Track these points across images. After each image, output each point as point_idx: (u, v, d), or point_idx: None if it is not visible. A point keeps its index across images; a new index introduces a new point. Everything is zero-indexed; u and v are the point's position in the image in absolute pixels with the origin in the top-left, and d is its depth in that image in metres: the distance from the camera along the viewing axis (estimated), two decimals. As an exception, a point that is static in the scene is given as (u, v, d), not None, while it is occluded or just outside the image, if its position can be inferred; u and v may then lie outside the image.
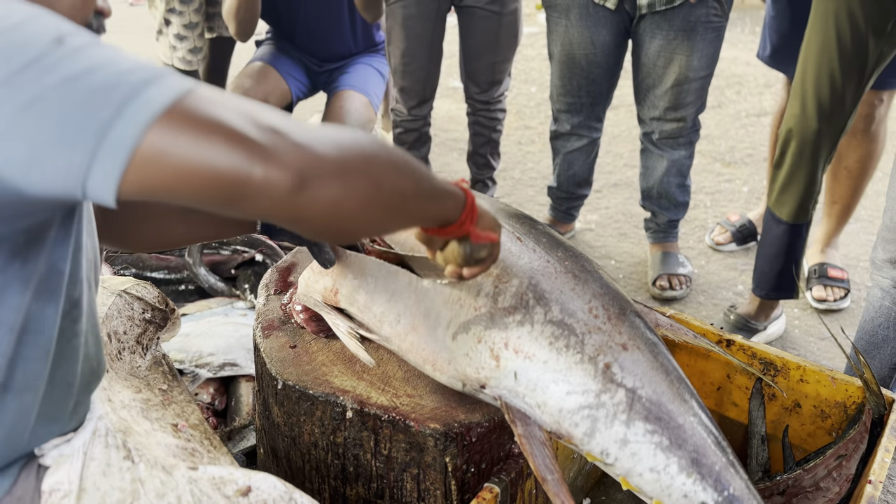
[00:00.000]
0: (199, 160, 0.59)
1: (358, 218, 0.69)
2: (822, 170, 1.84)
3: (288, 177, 0.62)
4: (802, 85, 1.77)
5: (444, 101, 3.69)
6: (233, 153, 0.60)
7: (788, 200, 1.89)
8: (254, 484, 0.89)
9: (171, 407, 1.10)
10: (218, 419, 1.68)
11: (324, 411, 1.18)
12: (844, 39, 1.67)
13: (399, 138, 2.52)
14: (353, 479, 1.21)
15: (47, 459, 0.85)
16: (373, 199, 0.69)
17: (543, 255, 1.13)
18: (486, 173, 2.66)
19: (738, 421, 1.50)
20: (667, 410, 1.00)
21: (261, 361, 1.27)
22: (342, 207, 0.66)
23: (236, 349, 1.76)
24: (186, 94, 0.61)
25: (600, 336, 1.04)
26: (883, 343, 1.59)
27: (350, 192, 0.66)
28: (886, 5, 1.62)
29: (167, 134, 0.59)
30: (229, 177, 0.60)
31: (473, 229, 0.89)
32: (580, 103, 2.27)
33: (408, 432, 1.13)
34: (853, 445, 1.30)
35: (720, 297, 2.33)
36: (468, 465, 1.15)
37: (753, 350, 1.43)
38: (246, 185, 0.61)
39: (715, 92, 3.92)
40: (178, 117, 0.60)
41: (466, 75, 2.47)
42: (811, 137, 1.77)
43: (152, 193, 0.62)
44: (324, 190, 0.64)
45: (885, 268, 1.55)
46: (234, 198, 0.62)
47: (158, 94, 0.60)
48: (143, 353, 1.20)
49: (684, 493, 0.98)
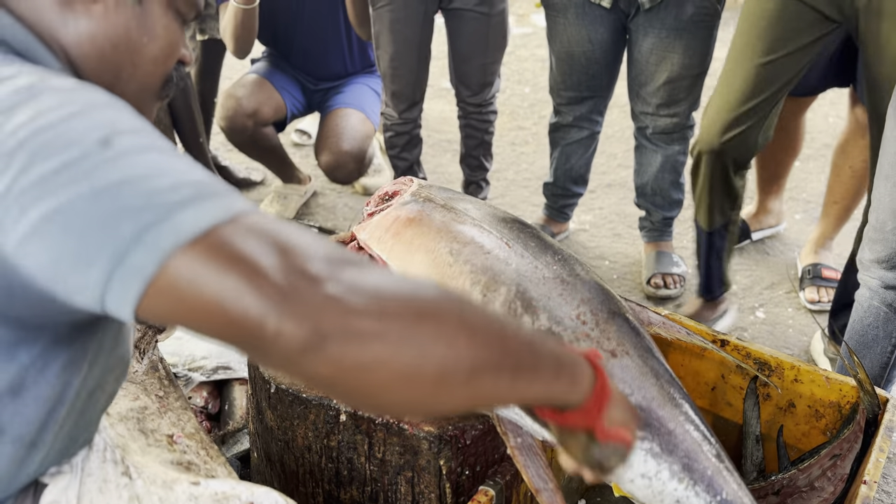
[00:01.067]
0: (213, 300, 0.53)
1: (402, 391, 0.56)
2: (735, 179, 1.97)
3: (302, 333, 0.53)
4: (709, 104, 1.93)
5: (437, 102, 3.68)
6: (248, 299, 0.53)
7: (704, 210, 2.03)
8: (256, 499, 0.89)
9: (168, 415, 1.09)
10: (211, 423, 1.67)
11: (317, 415, 1.17)
12: (748, 65, 1.80)
13: (390, 141, 2.52)
14: (347, 483, 1.21)
15: (45, 477, 0.84)
16: (420, 374, 0.56)
17: (531, 261, 1.12)
18: (479, 175, 2.66)
19: (733, 421, 1.50)
20: (657, 416, 1.00)
21: (253, 364, 1.27)
22: (374, 377, 0.55)
23: (229, 352, 1.76)
24: (225, 223, 0.55)
25: (588, 343, 1.04)
26: (873, 342, 1.59)
27: (387, 358, 0.55)
28: (792, 28, 1.73)
29: (186, 266, 0.54)
30: (241, 324, 0.53)
31: (601, 423, 0.70)
32: (582, 97, 2.31)
33: (402, 435, 1.13)
34: (847, 445, 1.30)
35: (714, 297, 2.33)
36: (463, 468, 1.15)
37: (748, 350, 1.43)
38: (257, 335, 0.53)
39: (710, 92, 3.92)
40: (204, 249, 0.54)
41: (457, 79, 2.47)
42: (714, 156, 1.92)
43: (167, 321, 0.57)
44: (348, 353, 0.54)
45: (872, 268, 1.56)
46: (246, 344, 0.55)
47: (191, 219, 0.55)
48: (141, 357, 1.20)
49: (676, 498, 0.98)
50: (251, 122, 2.50)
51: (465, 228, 1.18)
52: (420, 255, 1.15)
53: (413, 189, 1.32)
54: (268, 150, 2.63)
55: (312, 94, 2.66)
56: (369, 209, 1.34)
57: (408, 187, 1.34)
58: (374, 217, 1.28)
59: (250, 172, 2.96)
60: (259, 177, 2.97)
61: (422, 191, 1.31)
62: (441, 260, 1.13)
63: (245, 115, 2.48)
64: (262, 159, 2.68)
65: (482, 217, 1.22)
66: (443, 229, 1.18)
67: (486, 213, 1.24)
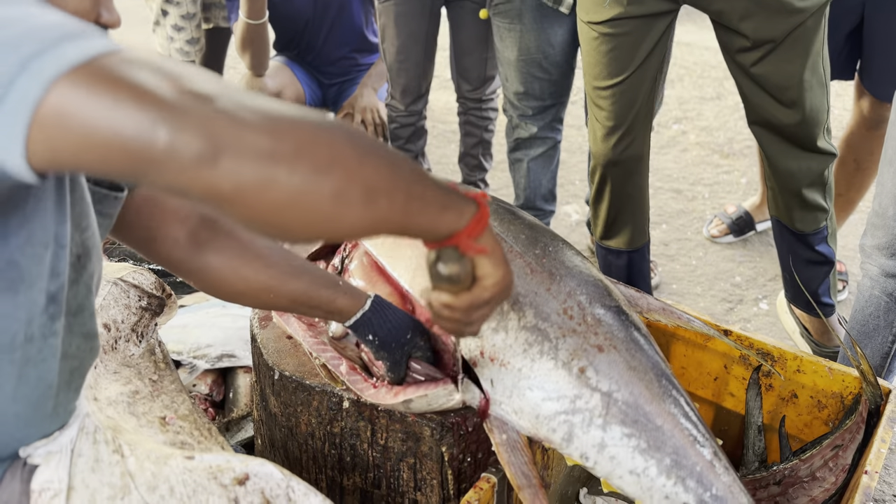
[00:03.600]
0: (102, 122, 0.53)
1: (299, 211, 0.58)
2: (646, 187, 1.86)
3: (196, 143, 0.54)
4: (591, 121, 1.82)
5: (443, 92, 3.68)
6: (138, 114, 0.53)
7: (622, 230, 1.89)
8: (251, 471, 0.88)
9: (160, 398, 1.09)
10: (216, 410, 1.68)
11: (321, 401, 1.18)
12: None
13: (394, 133, 2.53)
14: (350, 469, 1.21)
15: (35, 458, 0.83)
16: (318, 189, 0.58)
17: (521, 255, 1.11)
18: (477, 175, 2.64)
19: (735, 411, 1.50)
20: (644, 413, 0.99)
21: (258, 352, 1.27)
22: (271, 195, 0.56)
23: (234, 340, 1.76)
24: (107, 54, 0.55)
25: (575, 339, 1.03)
26: (874, 332, 1.59)
27: (285, 176, 0.56)
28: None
29: (72, 91, 0.53)
30: (133, 142, 0.53)
31: (466, 239, 0.73)
32: (543, 105, 2.20)
33: (404, 422, 1.13)
34: (849, 436, 1.30)
35: (718, 289, 2.33)
36: (465, 455, 1.16)
37: (750, 340, 1.43)
38: (150, 152, 0.54)
39: (714, 84, 3.91)
40: (87, 75, 0.54)
41: (458, 72, 2.47)
42: (612, 167, 1.80)
43: (62, 161, 0.56)
44: (244, 166, 0.55)
45: (873, 254, 1.55)
46: (141, 167, 0.55)
47: (74, 50, 0.54)
48: (138, 341, 1.20)
49: (665, 494, 0.98)
50: None
51: None
52: (408, 250, 1.15)
53: None
54: None
55: (328, 89, 2.72)
56: None
57: None
58: None
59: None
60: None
61: None
62: None
63: (269, 95, 2.50)
64: None
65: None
66: None
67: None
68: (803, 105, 1.60)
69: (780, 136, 1.67)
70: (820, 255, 1.83)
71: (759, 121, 1.68)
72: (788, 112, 1.61)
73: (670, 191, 2.91)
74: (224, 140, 0.55)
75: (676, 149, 3.25)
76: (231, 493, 0.87)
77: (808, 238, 1.81)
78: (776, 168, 1.72)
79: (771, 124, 1.66)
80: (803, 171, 1.70)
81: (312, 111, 0.61)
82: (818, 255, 1.83)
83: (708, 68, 4.09)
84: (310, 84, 2.68)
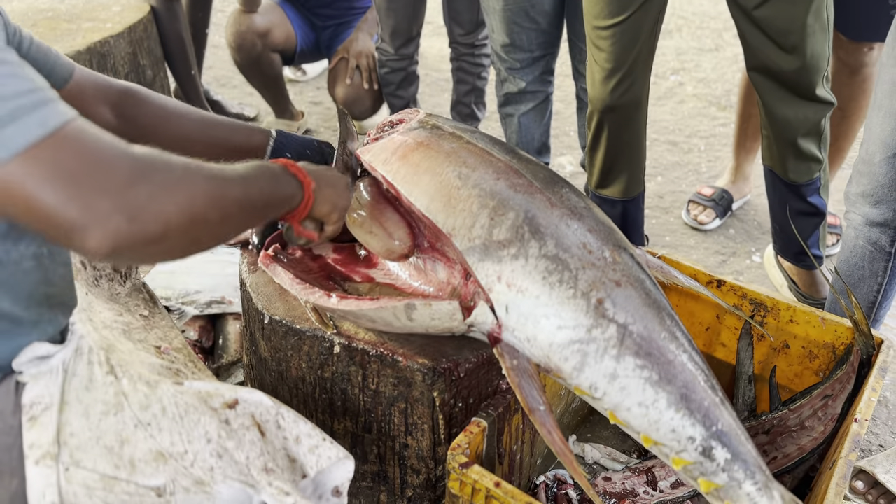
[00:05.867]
0: (28, 207, 0.67)
1: (182, 240, 0.75)
2: (644, 135, 1.82)
3: (97, 239, 0.68)
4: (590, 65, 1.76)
5: (436, 39, 3.60)
6: (54, 216, 0.67)
7: (618, 178, 1.86)
8: (240, 397, 0.90)
9: (154, 332, 1.09)
10: (205, 357, 1.67)
11: (311, 346, 1.17)
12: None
13: (385, 78, 2.47)
14: (341, 414, 1.21)
15: (25, 377, 0.84)
16: (192, 227, 0.75)
17: (541, 190, 1.12)
18: (470, 124, 2.59)
19: (726, 361, 1.50)
20: (657, 346, 1.00)
21: (247, 297, 1.26)
22: (162, 246, 0.73)
23: (223, 287, 1.74)
24: (43, 139, 0.67)
25: (594, 272, 1.03)
26: (859, 282, 1.59)
27: (169, 227, 0.73)
28: None
29: (8, 175, 0.66)
30: (54, 229, 0.68)
31: (296, 225, 1.01)
32: (532, 57, 2.11)
33: (396, 367, 1.12)
34: (840, 386, 1.30)
35: (711, 241, 2.32)
36: (456, 400, 1.15)
37: (744, 291, 1.42)
38: (66, 239, 0.68)
39: (713, 35, 3.84)
40: (22, 164, 0.66)
41: (449, 16, 2.40)
42: (610, 113, 1.75)
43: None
44: (136, 250, 0.71)
45: (857, 202, 1.53)
46: (59, 241, 0.69)
47: (10, 136, 0.65)
48: (123, 280, 1.18)
49: (672, 427, 0.98)
50: (261, 43, 2.49)
51: (475, 154, 1.17)
52: (427, 177, 1.13)
53: (420, 117, 1.30)
54: (269, 77, 2.61)
55: (322, 32, 2.65)
56: (374, 135, 1.32)
57: (414, 116, 1.32)
58: (380, 140, 1.26)
59: (243, 108, 2.91)
60: (252, 112, 2.92)
61: (429, 119, 1.29)
62: (449, 183, 1.11)
63: (256, 33, 2.47)
64: (260, 86, 2.66)
65: (492, 146, 1.20)
66: (452, 154, 1.16)
67: (495, 143, 1.22)
68: (804, 51, 1.56)
69: (778, 83, 1.64)
70: (811, 206, 1.81)
71: (758, 66, 1.64)
72: (789, 58, 1.57)
73: (666, 143, 2.87)
74: (121, 234, 0.69)
75: (673, 100, 3.21)
76: (222, 415, 0.88)
77: (801, 189, 1.79)
78: (773, 116, 1.69)
79: (770, 70, 1.62)
80: (800, 119, 1.67)
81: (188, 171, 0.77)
82: (810, 206, 1.81)
83: (707, 19, 4.02)
84: (302, 26, 2.62)
